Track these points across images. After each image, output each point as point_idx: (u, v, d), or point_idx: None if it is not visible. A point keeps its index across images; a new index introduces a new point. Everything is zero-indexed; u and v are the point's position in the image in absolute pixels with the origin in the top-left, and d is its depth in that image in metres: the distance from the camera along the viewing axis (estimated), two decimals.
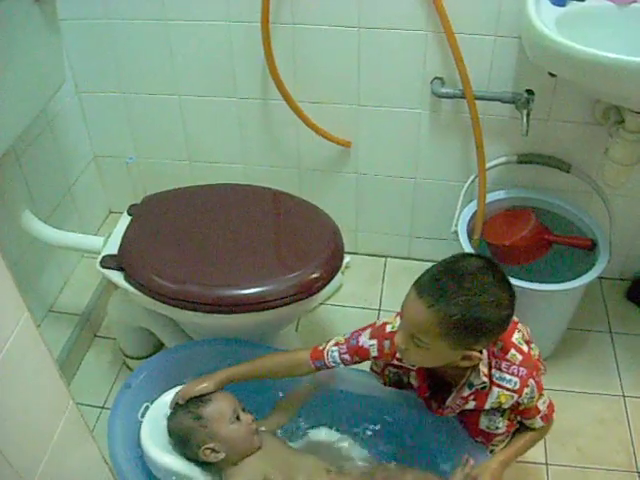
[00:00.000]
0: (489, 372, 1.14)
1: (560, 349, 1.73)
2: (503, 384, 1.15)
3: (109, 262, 1.44)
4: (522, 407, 1.18)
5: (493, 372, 1.14)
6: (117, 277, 1.42)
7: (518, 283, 1.47)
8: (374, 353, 1.23)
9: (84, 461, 1.07)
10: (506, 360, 1.15)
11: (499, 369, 1.15)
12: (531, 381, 1.15)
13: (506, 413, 1.19)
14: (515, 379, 1.14)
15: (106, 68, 1.77)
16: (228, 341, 1.42)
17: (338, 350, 1.24)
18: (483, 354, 1.12)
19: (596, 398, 1.64)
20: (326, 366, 1.25)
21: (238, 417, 1.24)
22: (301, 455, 1.28)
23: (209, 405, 1.24)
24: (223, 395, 1.26)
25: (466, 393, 1.16)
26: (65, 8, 1.57)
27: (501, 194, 1.72)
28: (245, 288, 1.33)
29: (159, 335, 1.57)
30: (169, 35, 1.67)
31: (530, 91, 1.56)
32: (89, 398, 1.62)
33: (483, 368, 1.13)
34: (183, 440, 1.24)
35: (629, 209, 1.75)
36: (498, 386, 1.15)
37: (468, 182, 1.71)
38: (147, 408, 1.30)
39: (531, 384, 1.15)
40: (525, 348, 1.18)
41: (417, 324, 1.07)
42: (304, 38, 1.61)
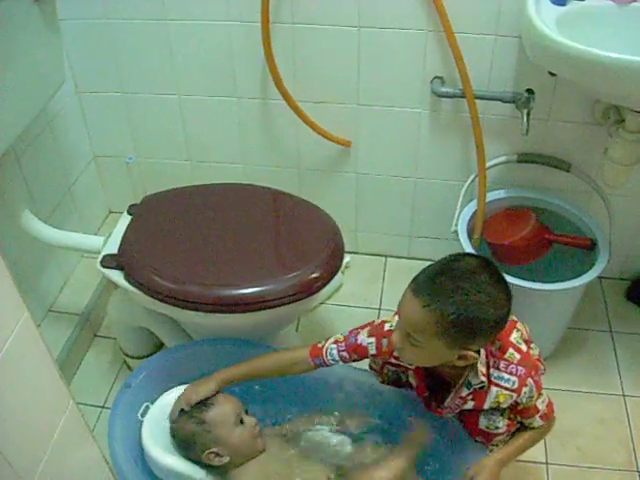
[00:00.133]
0: (487, 372, 1.14)
1: (560, 349, 1.73)
2: (501, 383, 1.14)
3: (109, 262, 1.44)
4: (521, 406, 1.18)
5: (491, 371, 1.14)
6: (117, 277, 1.42)
7: (518, 282, 1.48)
8: (372, 351, 1.23)
9: (84, 461, 1.07)
10: (504, 359, 1.15)
11: (497, 368, 1.15)
12: (530, 380, 1.15)
13: (505, 413, 1.19)
14: (513, 378, 1.14)
15: (106, 68, 1.77)
16: (228, 341, 1.42)
17: (337, 348, 1.24)
18: (481, 354, 1.12)
19: (596, 398, 1.64)
20: (325, 364, 1.25)
21: (242, 420, 1.24)
22: (304, 458, 1.27)
23: (212, 409, 1.23)
24: (226, 398, 1.26)
25: (465, 393, 1.16)
26: (65, 8, 1.56)
27: (501, 194, 1.72)
28: (245, 288, 1.33)
29: (159, 335, 1.57)
30: (169, 35, 1.67)
31: (530, 90, 1.56)
32: (89, 398, 1.62)
33: (481, 368, 1.12)
34: (186, 444, 1.24)
35: (629, 209, 1.75)
36: (496, 385, 1.15)
37: (468, 181, 1.71)
38: (147, 408, 1.30)
39: (530, 383, 1.15)
40: (524, 347, 1.18)
41: (413, 323, 1.07)
42: (304, 38, 1.61)
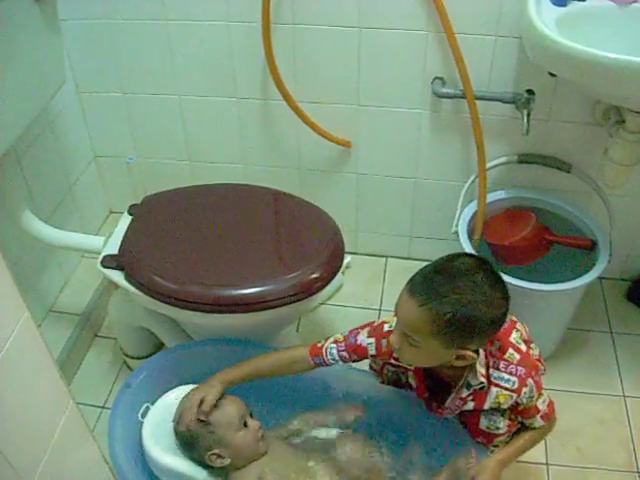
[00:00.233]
0: (487, 372, 1.14)
1: (560, 349, 1.73)
2: (501, 384, 1.15)
3: (110, 262, 1.44)
4: (521, 407, 1.18)
5: (491, 372, 1.14)
6: (117, 277, 1.42)
7: (518, 283, 1.48)
8: (372, 351, 1.23)
9: (84, 461, 1.07)
10: (504, 360, 1.15)
11: (497, 369, 1.15)
12: (530, 380, 1.15)
13: (506, 413, 1.19)
14: (513, 379, 1.14)
15: (106, 68, 1.77)
16: (228, 341, 1.42)
17: (336, 348, 1.25)
18: (480, 355, 1.12)
19: (596, 398, 1.64)
20: (325, 363, 1.26)
21: (245, 423, 1.24)
22: (306, 460, 1.27)
23: (217, 411, 1.23)
24: (231, 400, 1.26)
25: (464, 394, 1.16)
26: (65, 8, 1.56)
27: (501, 194, 1.72)
28: (245, 288, 1.33)
29: (159, 335, 1.57)
30: (169, 35, 1.67)
31: (530, 91, 1.56)
32: (89, 398, 1.62)
33: (480, 368, 1.12)
34: (189, 444, 1.24)
35: (629, 209, 1.75)
36: (496, 386, 1.15)
37: (468, 182, 1.71)
38: (147, 408, 1.30)
39: (530, 384, 1.15)
40: (523, 347, 1.18)
41: (410, 323, 1.07)
42: (304, 38, 1.61)
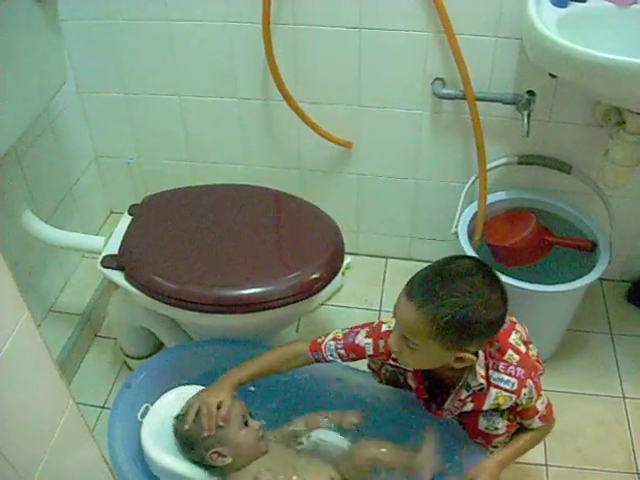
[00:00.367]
0: (486, 374, 1.14)
1: (560, 350, 1.73)
2: (501, 385, 1.15)
3: (110, 262, 1.44)
4: (520, 408, 1.18)
5: (490, 373, 1.14)
6: (118, 277, 1.43)
7: (518, 284, 1.48)
8: (369, 352, 1.24)
9: (84, 461, 1.07)
10: (503, 361, 1.15)
11: (496, 370, 1.15)
12: (529, 382, 1.15)
13: (505, 413, 1.19)
14: (513, 380, 1.14)
15: (107, 68, 1.77)
16: (228, 341, 1.42)
17: (334, 345, 1.25)
18: (480, 356, 1.12)
19: (596, 399, 1.64)
20: (324, 359, 1.26)
21: (246, 423, 1.24)
22: (306, 460, 1.27)
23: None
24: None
25: (464, 395, 1.16)
26: (66, 8, 1.57)
27: (502, 195, 1.72)
28: (245, 288, 1.33)
29: (159, 335, 1.57)
30: (170, 35, 1.67)
31: (531, 92, 1.56)
32: (89, 398, 1.62)
33: (480, 370, 1.13)
34: (190, 443, 1.24)
35: (629, 210, 1.75)
36: (496, 387, 1.15)
37: (469, 183, 1.71)
38: (147, 408, 1.30)
39: (529, 385, 1.15)
40: (523, 349, 1.18)
41: (408, 326, 1.07)
42: (305, 39, 1.61)
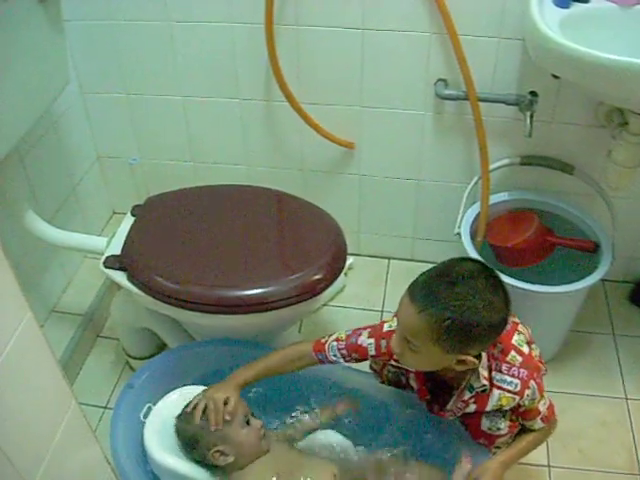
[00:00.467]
0: (489, 375, 1.14)
1: (563, 351, 1.73)
2: (504, 386, 1.14)
3: (112, 262, 1.44)
4: (523, 409, 1.18)
5: (493, 374, 1.14)
6: (120, 277, 1.43)
7: (521, 285, 1.48)
8: (372, 352, 1.24)
9: (86, 461, 1.07)
10: (506, 362, 1.15)
11: (499, 371, 1.15)
12: (532, 383, 1.15)
13: (507, 414, 1.19)
14: (516, 381, 1.14)
15: (110, 69, 1.77)
16: (231, 342, 1.42)
17: (337, 346, 1.25)
18: (482, 357, 1.12)
19: (599, 400, 1.64)
20: (327, 359, 1.26)
21: (248, 422, 1.24)
22: (307, 458, 1.27)
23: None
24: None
25: (467, 396, 1.16)
26: (69, 9, 1.57)
27: (504, 196, 1.72)
28: (248, 289, 1.33)
29: (162, 336, 1.57)
30: (172, 36, 1.68)
31: (534, 93, 1.56)
32: (92, 398, 1.62)
33: (483, 371, 1.12)
34: (192, 442, 1.24)
35: (632, 211, 1.74)
36: (499, 388, 1.15)
37: (471, 184, 1.71)
38: (149, 408, 1.30)
39: (532, 386, 1.15)
40: (526, 350, 1.18)
41: (410, 328, 1.07)
42: (307, 39, 1.61)
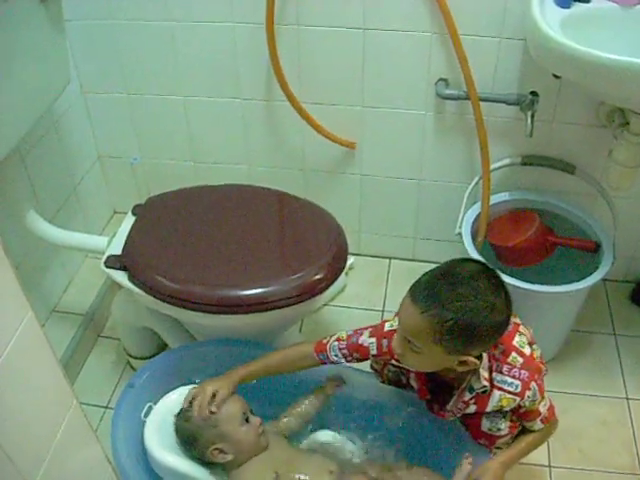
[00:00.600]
0: (490, 376, 1.14)
1: (564, 351, 1.73)
2: (505, 387, 1.14)
3: (113, 262, 1.44)
4: (523, 410, 1.17)
5: (494, 375, 1.14)
6: (121, 277, 1.43)
7: (522, 285, 1.48)
8: (373, 351, 1.24)
9: (87, 461, 1.07)
10: (507, 363, 1.15)
11: (500, 372, 1.15)
12: (533, 384, 1.15)
13: (508, 415, 1.19)
14: (517, 382, 1.14)
15: (111, 69, 1.77)
16: (232, 342, 1.42)
17: (338, 346, 1.25)
18: (483, 358, 1.12)
19: (599, 400, 1.64)
20: (329, 359, 1.26)
21: (247, 419, 1.25)
22: (305, 455, 1.28)
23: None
24: (234, 397, 1.26)
25: (467, 397, 1.16)
26: (70, 8, 1.56)
27: (505, 196, 1.72)
28: (248, 289, 1.33)
29: (163, 335, 1.57)
30: (173, 36, 1.68)
31: (535, 93, 1.56)
32: (93, 398, 1.63)
33: (483, 372, 1.12)
34: (191, 440, 1.24)
35: (633, 211, 1.74)
36: (499, 389, 1.14)
37: (472, 184, 1.71)
38: (150, 408, 1.30)
39: (533, 387, 1.15)
40: (527, 351, 1.18)
41: (411, 329, 1.07)
42: (309, 39, 1.61)
